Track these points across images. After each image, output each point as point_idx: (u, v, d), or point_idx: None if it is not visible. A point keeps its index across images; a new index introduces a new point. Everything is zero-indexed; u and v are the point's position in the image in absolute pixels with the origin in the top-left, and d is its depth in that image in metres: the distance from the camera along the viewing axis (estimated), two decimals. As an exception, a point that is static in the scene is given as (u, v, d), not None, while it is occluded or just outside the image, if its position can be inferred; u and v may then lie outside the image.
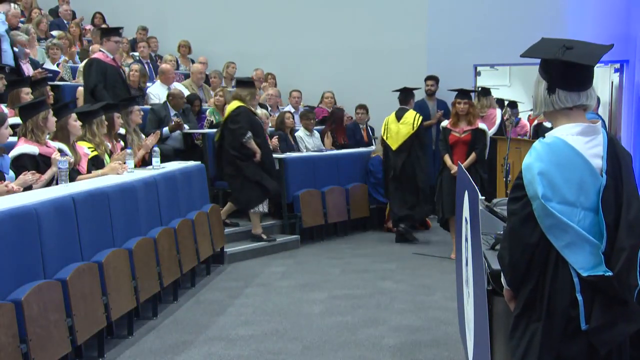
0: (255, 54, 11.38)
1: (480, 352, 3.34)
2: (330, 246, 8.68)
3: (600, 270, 2.46)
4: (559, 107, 2.59)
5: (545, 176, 2.49)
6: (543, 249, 2.52)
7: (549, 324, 2.50)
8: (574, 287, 2.48)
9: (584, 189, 2.50)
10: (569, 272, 2.49)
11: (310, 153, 9.49)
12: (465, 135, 7.71)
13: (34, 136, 5.29)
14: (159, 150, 6.74)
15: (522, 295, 2.59)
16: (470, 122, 7.73)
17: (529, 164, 2.53)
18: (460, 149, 7.73)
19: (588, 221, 2.49)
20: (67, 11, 12.09)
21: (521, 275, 2.56)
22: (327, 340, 5.25)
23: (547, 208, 2.47)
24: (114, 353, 4.96)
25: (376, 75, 11.17)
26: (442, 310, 5.93)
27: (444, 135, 7.90)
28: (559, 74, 2.57)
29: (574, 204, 2.49)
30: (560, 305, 2.49)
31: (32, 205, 4.25)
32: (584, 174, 2.51)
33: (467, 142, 7.71)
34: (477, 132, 7.75)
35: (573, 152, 2.52)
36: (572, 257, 2.48)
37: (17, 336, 3.74)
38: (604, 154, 2.54)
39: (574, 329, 2.49)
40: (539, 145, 2.56)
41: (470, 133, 7.71)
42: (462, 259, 4.27)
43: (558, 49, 2.55)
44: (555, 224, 2.48)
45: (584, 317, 2.47)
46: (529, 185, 2.51)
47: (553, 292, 2.50)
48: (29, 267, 4.14)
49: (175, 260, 6.15)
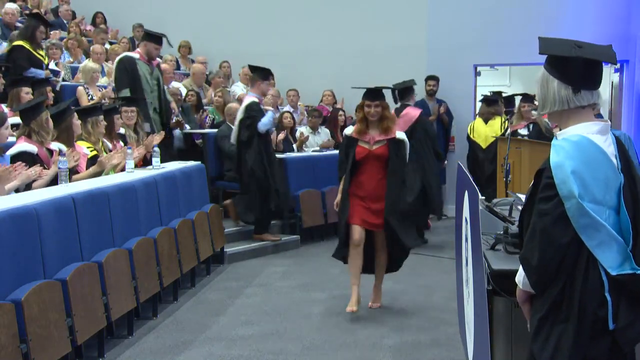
0: (255, 54, 11.36)
1: (480, 352, 3.33)
2: (330, 246, 8.63)
3: (628, 268, 2.45)
4: (574, 105, 2.56)
5: (578, 175, 2.45)
6: (574, 249, 2.47)
7: (580, 324, 2.47)
8: (604, 286, 2.46)
9: (609, 187, 2.48)
10: (598, 272, 2.46)
11: (310, 153, 9.50)
12: (378, 148, 5.75)
13: (39, 137, 5.29)
14: (159, 150, 6.74)
15: (547, 296, 2.53)
16: (385, 130, 5.75)
17: (559, 163, 2.47)
18: (372, 166, 5.77)
19: (612, 220, 2.48)
20: (67, 11, 12.09)
21: (550, 276, 2.50)
22: (327, 340, 5.25)
23: (583, 207, 2.43)
24: (114, 353, 4.96)
25: (376, 75, 11.14)
26: (442, 310, 5.93)
27: (346, 149, 5.86)
28: (579, 72, 2.54)
29: (602, 202, 2.47)
30: (591, 306, 2.46)
31: (32, 205, 4.25)
32: (608, 172, 2.49)
33: (381, 157, 5.76)
34: (395, 144, 5.79)
35: (598, 150, 2.50)
36: (602, 256, 2.45)
37: (17, 336, 3.74)
38: (616, 153, 2.54)
39: (600, 329, 2.47)
40: (566, 144, 2.52)
41: (385, 144, 5.75)
42: (462, 259, 4.27)
43: (571, 47, 2.53)
44: (589, 224, 2.44)
45: (612, 316, 2.45)
46: (561, 184, 2.45)
47: (584, 292, 2.46)
48: (29, 267, 4.14)
49: (175, 260, 6.15)
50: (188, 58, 11.88)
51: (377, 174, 5.77)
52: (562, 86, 2.57)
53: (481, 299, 3.18)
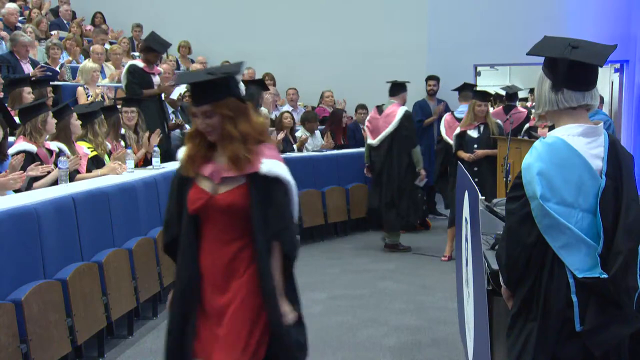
0: (255, 54, 11.36)
1: (480, 352, 3.34)
2: (330, 246, 8.68)
3: (595, 272, 2.46)
4: (563, 106, 2.58)
5: (545, 176, 2.48)
6: (540, 249, 2.51)
7: (545, 324, 2.50)
8: (570, 288, 2.48)
9: (583, 190, 2.49)
10: (565, 273, 2.49)
11: (310, 153, 9.49)
12: (227, 193, 2.86)
13: (32, 138, 5.30)
14: (159, 150, 6.74)
15: (519, 294, 2.59)
16: (234, 160, 2.83)
17: (528, 164, 2.52)
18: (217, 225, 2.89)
19: (586, 223, 2.48)
20: (67, 11, 12.09)
21: (518, 274, 2.56)
22: (327, 340, 5.25)
23: (544, 208, 2.46)
24: (114, 353, 4.96)
25: (376, 75, 11.15)
26: (442, 310, 5.93)
27: (176, 194, 3.04)
28: (565, 73, 2.55)
29: (572, 205, 2.48)
30: (556, 306, 2.49)
31: (32, 205, 4.25)
32: (584, 175, 2.49)
33: (232, 210, 2.84)
34: (263, 185, 2.89)
35: (573, 153, 2.51)
36: (568, 258, 2.48)
37: (17, 336, 3.74)
38: (605, 156, 2.53)
39: (569, 330, 2.49)
40: (540, 145, 2.55)
41: (242, 187, 2.85)
42: (462, 259, 4.27)
43: (564, 48, 2.54)
44: (552, 225, 2.47)
45: (579, 318, 2.47)
46: (527, 185, 2.50)
47: (549, 292, 2.50)
48: (29, 267, 4.14)
49: (175, 260, 6.13)
50: (188, 58, 11.88)
51: (227, 243, 2.88)
52: (552, 87, 2.59)
53: (481, 299, 3.19)
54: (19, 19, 10.50)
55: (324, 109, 10.90)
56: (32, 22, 10.53)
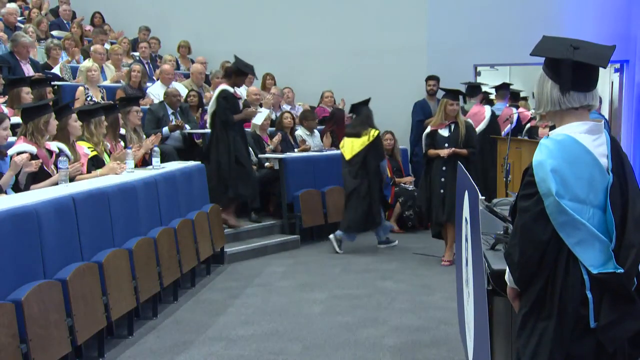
0: (255, 54, 11.37)
1: (480, 352, 3.34)
2: (331, 246, 8.67)
3: (610, 267, 2.46)
4: (565, 107, 2.58)
5: (558, 173, 2.47)
6: (554, 246, 2.50)
7: (560, 322, 2.49)
8: (585, 284, 2.47)
9: (593, 187, 2.49)
10: (579, 270, 2.48)
11: (310, 153, 9.49)
12: None
13: (33, 138, 5.31)
14: (159, 150, 6.75)
15: (530, 293, 2.57)
16: None
17: (541, 161, 2.50)
18: None
19: (597, 219, 2.49)
20: (67, 11, 12.10)
21: (531, 273, 2.53)
22: (327, 340, 5.25)
23: (560, 205, 2.45)
24: (114, 353, 4.96)
25: (376, 75, 11.17)
26: (442, 310, 5.93)
27: None
28: (569, 75, 2.55)
29: (584, 201, 2.48)
30: (572, 304, 2.48)
31: (32, 205, 4.25)
32: (594, 172, 2.50)
33: None
34: None
35: (583, 150, 2.51)
36: (583, 255, 2.47)
37: (17, 336, 3.74)
38: (608, 153, 2.54)
39: (583, 328, 2.48)
40: (550, 142, 2.54)
41: None
42: (462, 259, 4.27)
43: (567, 49, 2.54)
44: (567, 221, 2.46)
45: (593, 315, 2.47)
46: (541, 182, 2.49)
47: (564, 290, 2.49)
48: (29, 267, 4.14)
49: (175, 260, 6.14)
50: (188, 58, 11.88)
51: None
52: (554, 87, 2.59)
53: (481, 299, 3.19)
54: (18, 19, 10.50)
55: (323, 109, 10.89)
56: (32, 22, 10.53)
